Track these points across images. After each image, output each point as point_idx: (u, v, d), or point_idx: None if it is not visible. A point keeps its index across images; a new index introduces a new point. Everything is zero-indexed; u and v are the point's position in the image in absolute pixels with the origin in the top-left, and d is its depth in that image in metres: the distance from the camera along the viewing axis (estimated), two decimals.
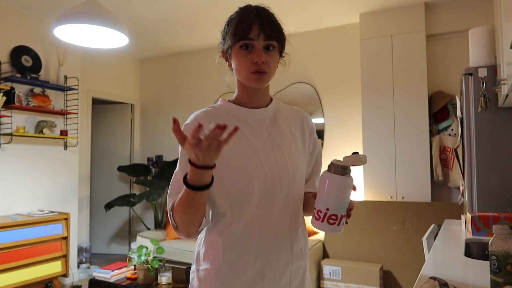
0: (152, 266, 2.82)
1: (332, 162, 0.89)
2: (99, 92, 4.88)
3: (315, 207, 0.90)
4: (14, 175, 3.54)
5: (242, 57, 0.98)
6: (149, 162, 5.18)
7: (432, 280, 1.00)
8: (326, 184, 0.88)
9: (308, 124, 1.14)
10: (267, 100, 1.10)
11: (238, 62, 0.99)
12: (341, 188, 0.87)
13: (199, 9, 3.70)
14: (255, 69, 0.97)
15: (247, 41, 0.97)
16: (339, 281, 3.32)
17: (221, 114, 1.04)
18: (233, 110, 1.05)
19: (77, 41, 2.80)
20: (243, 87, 1.05)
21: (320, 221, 0.88)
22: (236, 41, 0.98)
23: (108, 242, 5.24)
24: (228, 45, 1.01)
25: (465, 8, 3.46)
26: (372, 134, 3.65)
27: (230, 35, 0.99)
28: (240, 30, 0.97)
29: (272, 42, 0.98)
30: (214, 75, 4.84)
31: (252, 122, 1.04)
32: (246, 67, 0.98)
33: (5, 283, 2.99)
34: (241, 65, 0.99)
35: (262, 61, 0.96)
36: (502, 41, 1.78)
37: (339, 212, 0.88)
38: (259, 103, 1.07)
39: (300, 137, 1.10)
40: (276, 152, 1.02)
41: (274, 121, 1.08)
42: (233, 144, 0.97)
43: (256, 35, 0.97)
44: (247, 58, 0.98)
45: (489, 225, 1.84)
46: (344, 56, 4.05)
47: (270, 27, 0.98)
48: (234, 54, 1.00)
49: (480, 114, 2.23)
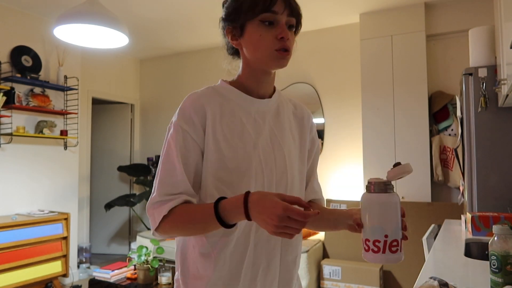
0: (152, 266, 2.82)
1: (370, 181, 0.77)
2: (99, 92, 4.88)
3: (367, 238, 0.75)
4: (14, 175, 3.54)
5: (264, 32, 0.85)
6: (149, 162, 5.18)
7: (432, 280, 1.00)
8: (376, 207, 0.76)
9: (308, 121, 1.05)
10: (272, 89, 0.99)
11: (258, 39, 0.86)
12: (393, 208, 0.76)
13: (199, 9, 3.70)
14: (281, 46, 0.86)
15: (270, 14, 0.85)
16: (339, 281, 3.32)
17: (223, 98, 0.92)
18: (236, 96, 0.92)
19: (77, 41, 2.80)
20: (253, 70, 0.92)
21: (380, 252, 0.74)
22: (256, 13, 0.85)
23: (108, 242, 5.24)
24: (244, 18, 0.87)
25: (465, 8, 3.46)
26: (372, 134, 3.65)
27: (247, 7, 0.86)
28: (261, 2, 0.85)
29: (293, 19, 0.88)
30: (214, 75, 4.84)
31: (255, 114, 0.92)
32: (269, 44, 0.86)
33: (5, 283, 2.99)
34: (261, 42, 0.86)
35: (288, 37, 0.86)
36: (502, 41, 1.78)
37: (398, 236, 0.75)
38: (265, 92, 0.96)
39: (299, 137, 1.01)
40: (276, 152, 0.92)
41: (277, 115, 0.97)
42: (233, 141, 0.88)
43: (281, 9, 0.85)
44: (270, 33, 0.85)
45: (489, 225, 1.84)
46: (344, 56, 4.05)
47: (294, 2, 0.89)
48: (251, 29, 0.87)
49: (480, 114, 2.23)
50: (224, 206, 0.77)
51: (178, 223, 0.83)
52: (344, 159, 3.96)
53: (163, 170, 0.87)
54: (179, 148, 0.86)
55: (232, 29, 0.91)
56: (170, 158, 0.86)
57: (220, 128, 0.88)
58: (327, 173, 3.97)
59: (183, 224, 0.83)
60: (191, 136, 0.87)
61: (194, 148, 0.87)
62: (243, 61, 0.94)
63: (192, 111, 0.88)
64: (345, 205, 3.61)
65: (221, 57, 1.01)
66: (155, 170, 4.96)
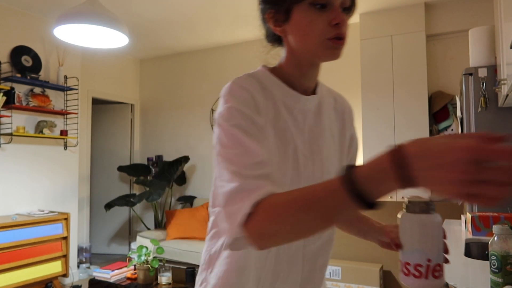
0: (152, 266, 2.82)
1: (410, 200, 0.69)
2: (99, 92, 4.88)
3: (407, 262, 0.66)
4: (14, 175, 3.54)
5: (314, 18, 0.72)
6: (149, 162, 5.18)
7: None
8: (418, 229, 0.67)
9: (349, 116, 0.95)
10: (317, 80, 0.87)
11: (307, 24, 0.73)
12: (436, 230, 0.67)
13: (199, 9, 3.70)
14: (336, 34, 0.72)
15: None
16: (339, 281, 3.32)
17: (266, 92, 0.78)
18: (281, 91, 0.79)
19: (77, 41, 2.80)
20: (298, 61, 0.80)
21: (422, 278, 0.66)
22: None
23: (108, 242, 5.24)
24: (289, 1, 0.73)
25: (465, 8, 3.46)
26: (372, 134, 3.65)
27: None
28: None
29: (348, 1, 0.74)
30: (214, 75, 4.84)
31: (298, 113, 0.80)
32: (321, 31, 0.72)
33: (5, 283, 2.99)
34: (311, 29, 0.72)
35: (344, 23, 0.72)
36: (502, 41, 1.78)
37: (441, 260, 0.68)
38: (309, 85, 0.84)
39: (338, 134, 0.90)
40: (315, 158, 0.81)
41: (318, 113, 0.85)
42: (274, 138, 0.75)
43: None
44: (322, 18, 0.72)
45: (489, 225, 1.84)
46: (344, 56, 4.01)
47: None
48: (298, 13, 0.73)
49: (480, 114, 2.23)
50: (361, 173, 0.51)
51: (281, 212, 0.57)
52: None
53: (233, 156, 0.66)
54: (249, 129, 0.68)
55: (274, 13, 0.77)
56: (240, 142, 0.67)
57: (266, 122, 0.75)
58: None
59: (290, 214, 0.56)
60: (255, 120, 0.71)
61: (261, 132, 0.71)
62: (287, 50, 0.81)
63: (247, 93, 0.73)
64: None
65: (222, 56, 0.96)
66: (155, 170, 5.00)
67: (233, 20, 3.85)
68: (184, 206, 4.87)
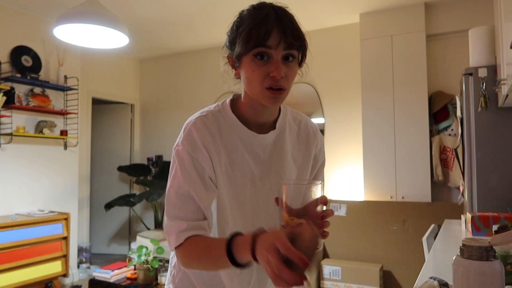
0: (152, 266, 2.82)
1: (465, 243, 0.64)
2: (99, 92, 4.88)
3: None
4: (14, 175, 3.54)
5: (256, 68, 0.82)
6: (149, 162, 5.18)
7: (432, 280, 1.00)
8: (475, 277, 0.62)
9: (314, 140, 1.02)
10: (276, 113, 0.96)
11: (250, 74, 0.83)
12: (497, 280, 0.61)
13: (199, 9, 3.70)
14: (271, 84, 0.81)
15: (263, 49, 0.80)
16: (339, 281, 3.32)
17: (224, 132, 0.90)
18: (239, 130, 0.91)
19: (77, 41, 2.80)
20: (250, 101, 0.89)
21: None
22: (249, 48, 0.81)
23: (108, 242, 5.24)
24: (238, 52, 0.84)
25: (465, 8, 3.46)
26: (372, 134, 3.65)
27: (242, 41, 0.82)
28: (255, 36, 0.80)
29: (293, 51, 0.82)
30: (214, 75, 4.84)
31: (257, 148, 0.92)
32: (260, 81, 0.82)
33: (5, 283, 2.99)
34: (253, 77, 0.82)
35: (282, 75, 0.81)
36: (502, 41, 1.78)
37: None
38: (267, 119, 0.94)
39: (301, 158, 0.99)
40: (272, 180, 0.93)
41: (278, 143, 0.95)
42: (233, 173, 0.89)
43: (275, 43, 0.80)
44: (262, 70, 0.81)
45: (489, 225, 1.84)
46: (344, 56, 4.05)
47: (292, 34, 0.81)
48: (245, 63, 0.84)
49: (480, 114, 2.23)
50: (235, 242, 0.73)
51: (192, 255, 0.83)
52: (344, 159, 3.96)
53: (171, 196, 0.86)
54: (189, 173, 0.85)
55: (231, 59, 0.90)
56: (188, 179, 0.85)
57: (224, 163, 0.89)
58: (327, 173, 3.97)
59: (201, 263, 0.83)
60: (201, 164, 0.86)
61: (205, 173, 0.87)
62: (243, 90, 0.91)
63: (198, 140, 0.87)
64: (345, 205, 3.60)
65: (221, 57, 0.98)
66: (155, 170, 5.00)
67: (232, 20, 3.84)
68: None
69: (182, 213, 0.84)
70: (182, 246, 0.83)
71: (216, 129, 0.89)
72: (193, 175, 0.85)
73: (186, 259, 0.84)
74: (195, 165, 0.86)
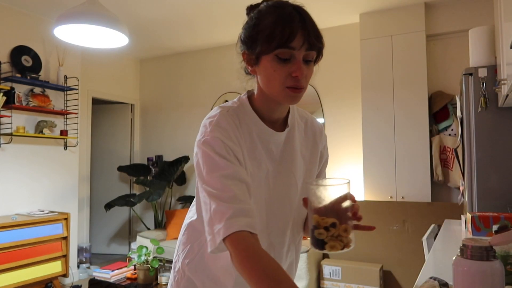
0: (152, 266, 2.82)
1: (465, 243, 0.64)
2: (99, 92, 4.88)
3: None
4: (14, 175, 3.54)
5: (278, 68, 0.82)
6: (149, 162, 5.18)
7: (432, 280, 1.00)
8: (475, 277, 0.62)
9: (320, 138, 1.05)
10: (287, 111, 0.97)
11: (271, 73, 0.83)
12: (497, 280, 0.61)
13: (199, 9, 3.70)
14: (293, 85, 0.82)
15: (287, 50, 0.80)
16: (339, 281, 3.32)
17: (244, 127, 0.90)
18: (257, 126, 0.91)
19: (77, 41, 2.80)
20: (266, 99, 0.91)
21: None
22: (272, 48, 0.81)
23: (108, 242, 5.24)
24: (259, 50, 0.83)
25: (465, 8, 3.46)
26: (372, 134, 3.65)
27: (264, 40, 0.81)
28: (279, 36, 0.79)
29: (313, 53, 0.83)
30: (214, 75, 4.84)
31: (272, 145, 0.93)
32: (281, 80, 0.82)
33: (5, 283, 2.99)
34: (274, 77, 0.83)
35: (304, 75, 0.82)
36: (502, 41, 1.78)
37: None
38: (279, 116, 0.95)
39: (309, 155, 1.01)
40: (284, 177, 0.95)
41: (289, 141, 0.96)
42: (252, 168, 0.89)
43: (299, 45, 0.80)
44: (284, 69, 0.82)
45: (489, 225, 1.84)
46: (344, 56, 4.05)
47: (315, 36, 0.82)
48: (266, 62, 0.83)
49: (480, 114, 2.23)
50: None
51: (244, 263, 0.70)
52: (344, 159, 3.96)
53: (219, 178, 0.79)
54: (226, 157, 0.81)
55: (248, 54, 0.88)
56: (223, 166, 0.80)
57: (245, 153, 0.88)
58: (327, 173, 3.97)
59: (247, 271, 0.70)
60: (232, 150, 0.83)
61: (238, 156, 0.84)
62: (258, 87, 0.92)
63: (230, 130, 0.85)
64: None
65: (221, 57, 0.99)
66: (155, 170, 4.99)
67: (232, 20, 3.85)
68: (184, 206, 4.87)
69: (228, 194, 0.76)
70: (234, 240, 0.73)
71: (238, 123, 0.89)
72: (231, 157, 0.81)
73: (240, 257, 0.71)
74: (228, 150, 0.82)
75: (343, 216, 0.77)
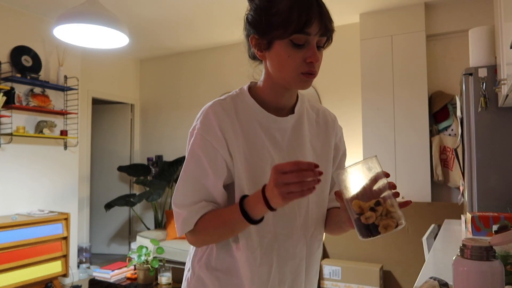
0: (152, 266, 2.82)
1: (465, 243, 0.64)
2: (99, 92, 4.88)
3: None
4: (14, 175, 3.54)
5: (292, 54, 0.80)
6: (149, 162, 5.18)
7: (432, 280, 1.00)
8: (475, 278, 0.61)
9: (333, 127, 1.01)
10: (294, 99, 0.94)
11: (285, 58, 0.81)
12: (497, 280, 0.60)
13: (199, 9, 3.70)
14: (308, 70, 0.81)
15: (303, 36, 0.79)
16: (339, 281, 3.32)
17: (242, 114, 0.88)
18: (257, 113, 0.89)
19: (77, 41, 2.80)
20: (273, 85, 0.88)
21: None
22: (289, 33, 0.78)
23: (108, 242, 5.24)
24: (273, 35, 0.80)
25: (465, 8, 3.46)
26: (372, 134, 3.65)
27: (280, 23, 0.79)
28: (295, 21, 0.77)
29: (325, 39, 0.83)
30: (214, 75, 4.84)
31: (275, 132, 0.90)
32: (296, 66, 0.81)
33: (5, 283, 2.99)
34: (288, 62, 0.81)
35: (317, 61, 0.82)
36: (502, 41, 1.78)
37: None
38: (286, 103, 0.92)
39: (321, 145, 0.97)
40: None
41: (297, 129, 0.93)
42: (252, 158, 0.86)
43: (315, 31, 0.79)
44: (299, 55, 0.80)
45: (489, 225, 1.84)
46: (344, 56, 4.05)
47: (330, 22, 0.82)
48: (279, 47, 0.81)
49: (480, 114, 2.23)
50: (248, 201, 0.79)
51: (213, 230, 0.84)
52: None
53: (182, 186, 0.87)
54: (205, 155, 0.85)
55: (258, 39, 0.84)
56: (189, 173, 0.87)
57: (242, 144, 0.87)
58: None
59: (216, 231, 0.84)
60: (214, 146, 0.85)
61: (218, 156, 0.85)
62: (266, 72, 0.89)
63: (214, 122, 0.85)
64: None
65: (221, 57, 0.98)
66: (155, 170, 5.00)
67: (232, 20, 3.85)
68: None
69: (185, 200, 0.85)
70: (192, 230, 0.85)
71: (233, 112, 0.88)
72: (203, 158, 0.85)
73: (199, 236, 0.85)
74: (207, 147, 0.85)
75: (376, 193, 0.73)
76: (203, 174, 0.85)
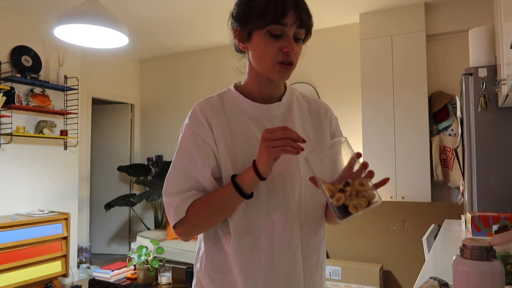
0: (152, 266, 2.82)
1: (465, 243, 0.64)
2: (99, 92, 4.88)
3: None
4: (14, 175, 3.54)
5: (269, 44, 0.84)
6: (149, 162, 5.18)
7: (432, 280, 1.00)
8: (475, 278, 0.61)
9: (326, 116, 1.01)
10: (282, 89, 0.97)
11: (263, 49, 0.85)
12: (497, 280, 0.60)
13: (199, 9, 3.70)
14: (284, 59, 0.85)
15: (279, 26, 0.83)
16: (339, 281, 3.32)
17: (228, 108, 0.92)
18: (243, 104, 0.93)
19: (77, 41, 2.80)
20: (256, 76, 0.92)
21: None
22: (265, 25, 0.83)
23: (108, 242, 5.24)
24: (252, 26, 0.85)
25: (465, 8, 3.46)
26: (372, 134, 3.65)
27: (257, 16, 0.84)
28: (271, 12, 0.82)
29: (302, 31, 0.86)
30: (214, 75, 4.84)
31: (264, 120, 0.92)
32: (273, 56, 0.85)
33: (5, 283, 2.99)
34: (266, 52, 0.85)
35: (294, 51, 0.85)
36: (502, 41, 1.78)
37: None
38: (273, 94, 0.95)
39: (315, 135, 0.98)
40: (286, 157, 0.90)
41: (287, 116, 0.95)
42: (240, 146, 0.89)
43: (291, 21, 0.83)
44: (275, 45, 0.84)
45: (489, 225, 1.84)
46: (344, 56, 4.05)
47: (306, 13, 0.85)
48: (257, 38, 0.86)
49: (480, 114, 2.23)
50: (240, 175, 0.84)
51: (204, 211, 0.87)
52: None
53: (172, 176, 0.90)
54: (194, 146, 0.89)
55: (240, 31, 0.90)
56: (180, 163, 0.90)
57: (228, 135, 0.90)
58: None
59: (208, 212, 0.86)
60: (202, 137, 0.90)
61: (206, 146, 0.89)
62: (249, 64, 0.94)
63: (201, 115, 0.91)
64: None
65: (221, 57, 1.00)
66: (155, 170, 5.00)
67: None
68: None
69: (175, 189, 0.88)
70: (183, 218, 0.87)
71: (220, 106, 0.93)
72: (192, 149, 0.89)
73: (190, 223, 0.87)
74: (196, 139, 0.89)
75: (353, 175, 0.75)
76: (192, 164, 0.88)
